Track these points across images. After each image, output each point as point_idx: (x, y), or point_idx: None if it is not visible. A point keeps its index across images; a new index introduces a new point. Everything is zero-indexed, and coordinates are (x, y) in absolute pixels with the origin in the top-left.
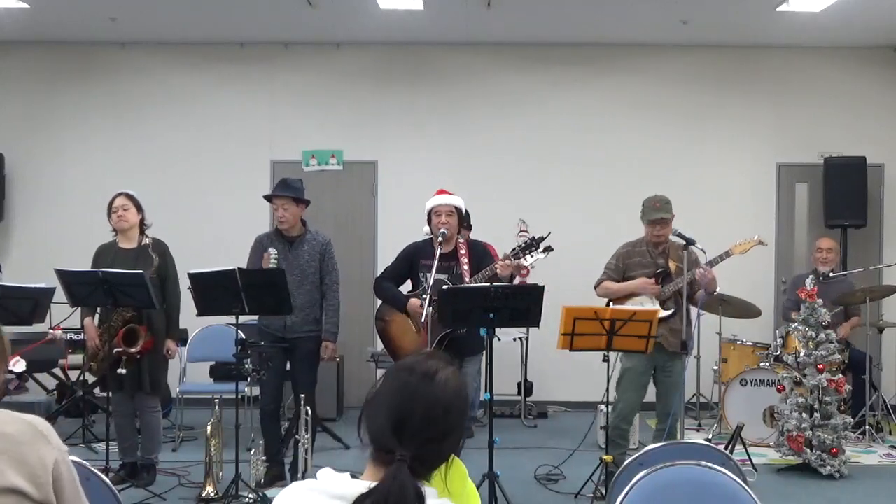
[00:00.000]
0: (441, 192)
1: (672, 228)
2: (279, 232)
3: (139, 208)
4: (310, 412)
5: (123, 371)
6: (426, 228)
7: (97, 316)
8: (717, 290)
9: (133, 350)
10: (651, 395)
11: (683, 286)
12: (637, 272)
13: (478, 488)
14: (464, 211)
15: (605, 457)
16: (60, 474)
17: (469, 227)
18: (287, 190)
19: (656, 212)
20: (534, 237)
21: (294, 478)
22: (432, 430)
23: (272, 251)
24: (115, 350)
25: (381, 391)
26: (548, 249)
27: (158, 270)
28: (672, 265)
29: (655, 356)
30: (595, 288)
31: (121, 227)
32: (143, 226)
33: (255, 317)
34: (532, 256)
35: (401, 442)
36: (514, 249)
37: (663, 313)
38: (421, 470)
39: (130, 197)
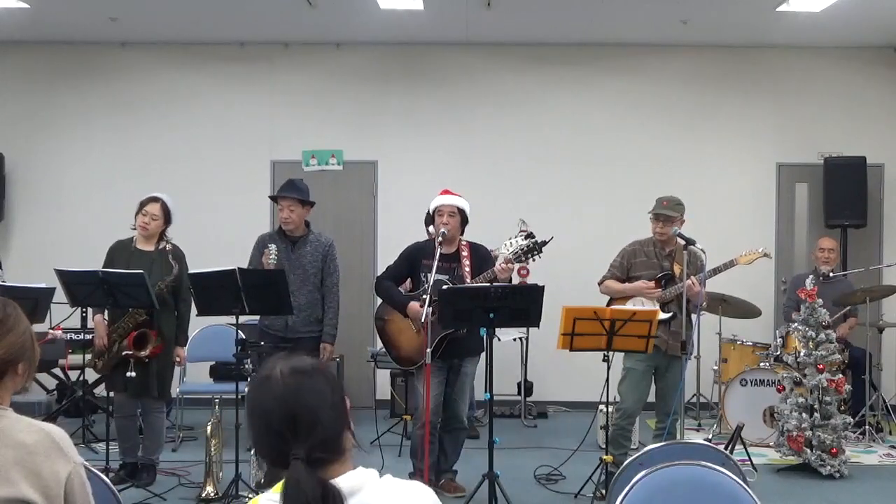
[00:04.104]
0: (445, 192)
1: (672, 228)
2: (282, 232)
3: (167, 220)
4: None
5: (133, 374)
6: (430, 228)
7: (107, 313)
8: (704, 304)
9: (142, 354)
10: (651, 394)
11: (683, 289)
12: (641, 272)
13: (478, 488)
14: (468, 212)
15: (605, 457)
16: (73, 488)
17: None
18: (294, 191)
19: (660, 208)
20: (536, 241)
21: None
22: (302, 422)
23: (272, 247)
24: (123, 353)
25: (247, 417)
26: (543, 243)
27: (176, 278)
28: (677, 269)
29: (657, 358)
30: (599, 285)
31: (142, 233)
32: (164, 233)
33: (256, 317)
34: (541, 253)
35: (286, 445)
36: (515, 253)
37: (662, 316)
38: (325, 460)
39: (164, 207)
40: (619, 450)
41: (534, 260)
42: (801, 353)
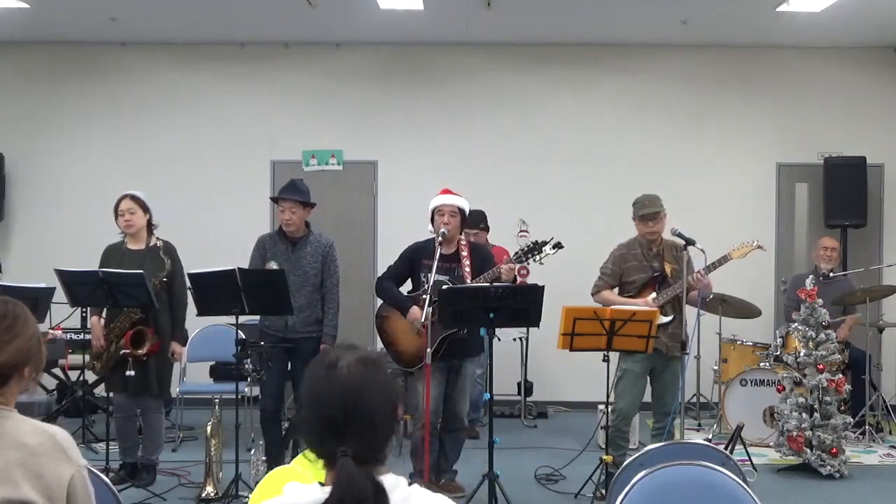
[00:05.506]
0: (445, 191)
1: (672, 228)
2: (282, 233)
3: (145, 209)
4: None
5: (132, 373)
6: (430, 227)
7: (104, 314)
8: (713, 293)
9: (140, 352)
10: (649, 394)
11: (683, 289)
12: (634, 276)
13: (478, 488)
14: (468, 212)
15: (605, 457)
16: (75, 490)
17: (486, 229)
18: (295, 193)
19: (647, 207)
20: (536, 241)
21: None
22: (357, 417)
23: (273, 263)
24: (121, 352)
25: (302, 401)
26: (558, 246)
27: (169, 274)
28: (668, 268)
29: (654, 358)
30: (592, 295)
31: (128, 231)
32: (150, 226)
33: (256, 317)
34: (541, 253)
35: (336, 439)
36: (516, 253)
37: (663, 319)
38: (369, 460)
39: (136, 199)
40: (617, 451)
41: (534, 261)
42: (801, 353)
